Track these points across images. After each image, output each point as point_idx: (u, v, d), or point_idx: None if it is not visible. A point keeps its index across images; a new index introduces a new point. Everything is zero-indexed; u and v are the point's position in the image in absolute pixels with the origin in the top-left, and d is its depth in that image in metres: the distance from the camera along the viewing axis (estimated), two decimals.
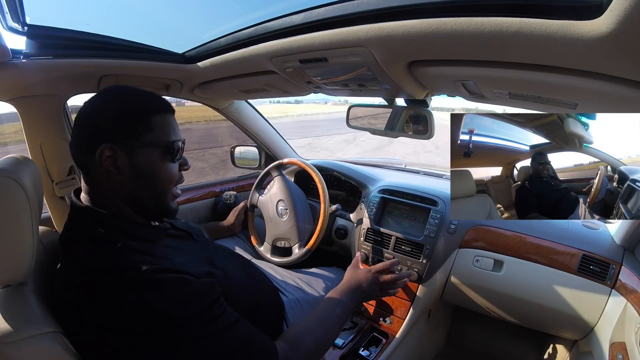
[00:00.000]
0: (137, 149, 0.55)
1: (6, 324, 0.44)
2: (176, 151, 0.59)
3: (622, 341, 0.74)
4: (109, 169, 0.53)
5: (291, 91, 1.04)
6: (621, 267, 0.86)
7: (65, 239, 0.55)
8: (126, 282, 0.48)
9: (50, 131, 0.93)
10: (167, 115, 0.59)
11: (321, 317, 0.73)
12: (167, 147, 0.58)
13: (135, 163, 0.55)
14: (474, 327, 1.37)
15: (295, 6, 0.64)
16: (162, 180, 0.59)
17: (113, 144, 0.53)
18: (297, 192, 1.21)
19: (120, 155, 0.53)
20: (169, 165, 0.59)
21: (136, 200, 0.58)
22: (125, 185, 0.56)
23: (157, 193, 0.59)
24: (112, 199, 0.57)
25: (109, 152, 0.53)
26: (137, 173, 0.56)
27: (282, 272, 1.04)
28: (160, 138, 0.57)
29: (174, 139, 0.59)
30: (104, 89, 0.59)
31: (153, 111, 0.57)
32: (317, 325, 0.70)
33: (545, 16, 0.38)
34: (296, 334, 0.67)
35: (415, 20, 0.48)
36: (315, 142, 11.62)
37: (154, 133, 0.56)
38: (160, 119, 0.57)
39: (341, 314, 0.76)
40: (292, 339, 0.64)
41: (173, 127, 0.59)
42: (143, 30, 0.93)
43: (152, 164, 0.57)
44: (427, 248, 1.03)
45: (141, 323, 0.47)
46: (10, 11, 0.68)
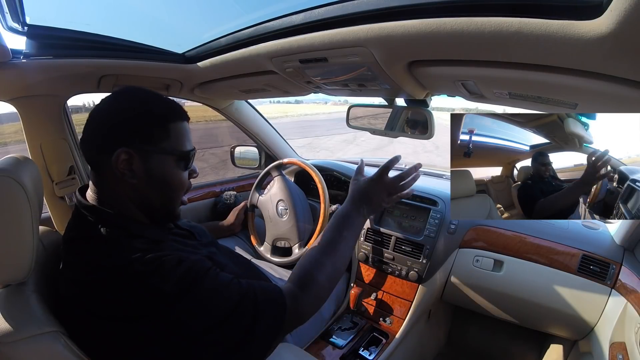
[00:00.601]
0: (153, 154, 0.55)
1: (6, 323, 0.44)
2: (190, 160, 0.60)
3: (622, 341, 0.74)
4: (123, 172, 0.54)
5: (291, 91, 1.04)
6: (621, 267, 0.86)
7: (70, 237, 0.55)
8: (133, 276, 0.48)
9: (50, 131, 0.93)
10: (183, 123, 0.59)
11: (329, 245, 0.69)
12: (181, 155, 0.58)
13: (150, 168, 0.55)
14: (474, 327, 1.37)
15: (295, 6, 0.64)
16: (174, 187, 0.59)
17: (130, 147, 0.53)
18: (297, 192, 1.21)
19: (135, 159, 0.54)
20: (181, 172, 0.60)
21: (146, 203, 0.58)
22: (138, 188, 0.56)
23: (167, 199, 0.60)
24: (121, 199, 0.57)
25: (124, 155, 0.53)
26: (150, 178, 0.56)
27: (282, 272, 1.04)
28: (175, 146, 0.57)
29: (189, 148, 0.60)
30: (122, 89, 0.58)
31: (171, 118, 0.57)
32: (325, 257, 0.67)
33: (546, 16, 0.38)
34: (302, 271, 0.65)
35: (415, 20, 0.48)
36: (315, 142, 11.62)
37: (170, 140, 0.56)
38: (177, 127, 0.58)
39: (348, 235, 0.71)
40: (299, 278, 0.63)
41: (188, 135, 0.60)
42: (143, 30, 0.93)
43: (166, 170, 0.57)
44: (427, 248, 1.03)
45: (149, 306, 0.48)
46: (10, 11, 0.68)
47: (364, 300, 1.13)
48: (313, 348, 0.98)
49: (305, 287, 0.62)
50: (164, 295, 0.48)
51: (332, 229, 0.72)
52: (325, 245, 0.69)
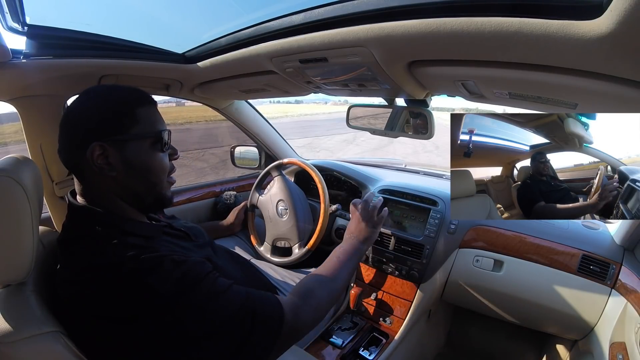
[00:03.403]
0: (127, 142, 0.55)
1: (6, 323, 0.44)
2: (165, 140, 0.60)
3: (622, 341, 0.74)
4: (101, 167, 0.54)
5: (291, 91, 1.04)
6: (621, 267, 0.86)
7: (64, 239, 0.55)
8: (128, 274, 0.48)
9: (51, 131, 0.93)
10: (150, 107, 0.59)
11: (329, 268, 0.74)
12: (155, 137, 0.58)
13: (127, 157, 0.55)
14: (474, 327, 1.37)
15: (295, 6, 0.64)
16: (155, 170, 0.59)
17: (102, 141, 0.53)
18: (297, 192, 1.21)
19: (110, 151, 0.54)
20: (159, 155, 0.59)
21: (132, 193, 0.58)
22: (120, 180, 0.56)
23: (151, 184, 0.59)
24: (108, 196, 0.57)
25: (99, 150, 0.53)
26: (129, 167, 0.56)
27: (282, 272, 1.04)
28: (147, 129, 0.57)
29: (161, 128, 0.60)
30: (85, 90, 0.59)
31: (136, 104, 0.57)
32: (326, 277, 0.71)
33: (545, 16, 0.38)
34: (305, 286, 0.67)
35: (415, 20, 0.48)
36: (315, 142, 11.62)
37: (140, 125, 0.56)
38: (145, 111, 0.58)
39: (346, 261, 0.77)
40: (301, 292, 0.65)
41: (158, 118, 0.60)
42: (143, 30, 0.93)
43: (143, 155, 0.57)
44: (427, 248, 1.03)
45: (146, 307, 0.47)
46: (10, 11, 0.67)
47: (364, 300, 1.13)
48: (313, 348, 0.98)
49: (306, 298, 0.63)
50: (159, 297, 0.48)
51: (332, 258, 0.79)
52: (326, 267, 0.75)
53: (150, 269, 0.49)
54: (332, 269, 0.75)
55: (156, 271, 0.49)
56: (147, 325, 0.47)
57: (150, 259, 0.50)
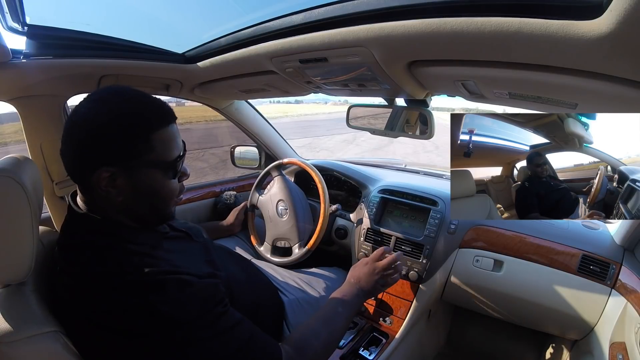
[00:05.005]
0: (138, 169, 0.52)
1: (6, 323, 0.44)
2: (178, 168, 0.57)
3: (622, 341, 0.74)
4: (107, 191, 0.51)
5: (291, 91, 1.04)
6: (621, 267, 0.86)
7: (64, 244, 0.55)
8: (129, 285, 0.48)
9: (51, 131, 0.93)
10: (169, 128, 0.54)
11: (325, 317, 0.71)
12: (169, 166, 0.55)
13: (136, 184, 0.53)
14: (474, 327, 1.37)
15: (295, 6, 0.64)
16: (164, 197, 0.57)
17: (112, 166, 0.50)
18: (297, 192, 1.21)
19: (119, 177, 0.51)
20: (170, 182, 0.57)
21: (135, 214, 0.56)
22: (125, 202, 0.54)
23: (158, 208, 0.58)
24: (109, 208, 0.55)
25: (106, 174, 0.50)
26: (137, 192, 0.54)
27: (282, 272, 1.04)
28: (162, 157, 0.54)
29: (177, 154, 0.56)
30: (93, 94, 0.53)
31: (156, 127, 0.53)
32: (321, 327, 0.68)
33: (546, 16, 0.38)
34: (301, 336, 0.65)
35: (415, 20, 0.48)
36: (315, 142, 11.62)
37: (155, 152, 0.53)
38: (163, 135, 0.53)
39: (344, 312, 0.73)
40: (297, 342, 0.63)
41: (175, 139, 0.56)
42: (143, 30, 0.93)
43: (154, 183, 0.54)
44: (427, 248, 1.03)
45: (145, 325, 0.47)
46: (10, 11, 0.68)
47: None
48: None
49: (302, 349, 0.62)
50: (163, 319, 0.47)
51: (330, 305, 0.74)
52: (322, 316, 0.71)
53: (153, 286, 0.48)
54: (329, 319, 0.71)
55: (160, 290, 0.48)
56: (143, 344, 0.47)
57: (154, 274, 0.49)
